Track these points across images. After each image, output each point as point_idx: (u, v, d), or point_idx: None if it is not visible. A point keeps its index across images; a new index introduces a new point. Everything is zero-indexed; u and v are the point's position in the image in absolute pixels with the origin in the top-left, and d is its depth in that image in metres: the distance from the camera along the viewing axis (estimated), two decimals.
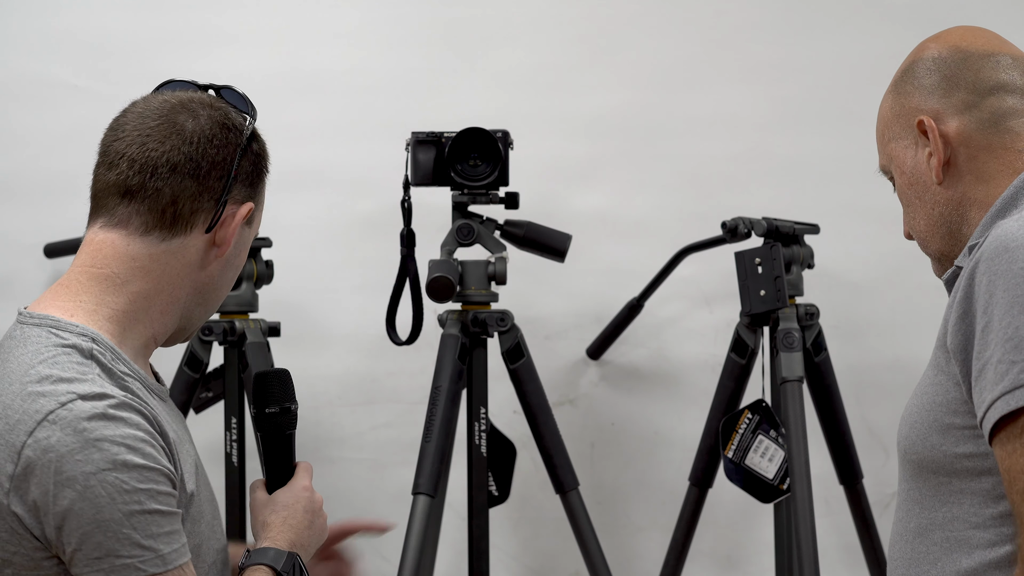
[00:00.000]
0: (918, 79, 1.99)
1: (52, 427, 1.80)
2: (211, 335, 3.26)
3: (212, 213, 1.94)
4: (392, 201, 3.30)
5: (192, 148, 1.92)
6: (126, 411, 1.82)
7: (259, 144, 2.02)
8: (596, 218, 3.66)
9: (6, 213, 3.65)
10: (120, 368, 1.88)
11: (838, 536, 3.61)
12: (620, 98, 3.67)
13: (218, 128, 1.95)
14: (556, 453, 3.28)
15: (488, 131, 3.23)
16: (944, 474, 1.87)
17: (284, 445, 2.10)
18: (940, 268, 2.04)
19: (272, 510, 2.05)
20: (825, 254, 3.47)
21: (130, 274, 1.93)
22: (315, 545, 2.09)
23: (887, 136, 2.02)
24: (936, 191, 1.99)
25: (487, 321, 3.26)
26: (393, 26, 3.69)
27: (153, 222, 1.92)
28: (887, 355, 3.66)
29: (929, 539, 1.88)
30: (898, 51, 3.65)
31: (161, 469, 1.83)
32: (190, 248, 1.94)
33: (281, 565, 1.99)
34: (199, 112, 1.95)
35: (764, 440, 3.25)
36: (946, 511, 1.87)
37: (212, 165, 1.94)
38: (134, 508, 1.81)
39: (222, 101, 1.99)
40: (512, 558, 3.67)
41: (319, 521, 2.09)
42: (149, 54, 3.63)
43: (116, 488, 1.80)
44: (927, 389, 1.90)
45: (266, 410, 2.08)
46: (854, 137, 3.65)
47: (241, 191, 1.98)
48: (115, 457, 1.80)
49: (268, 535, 2.03)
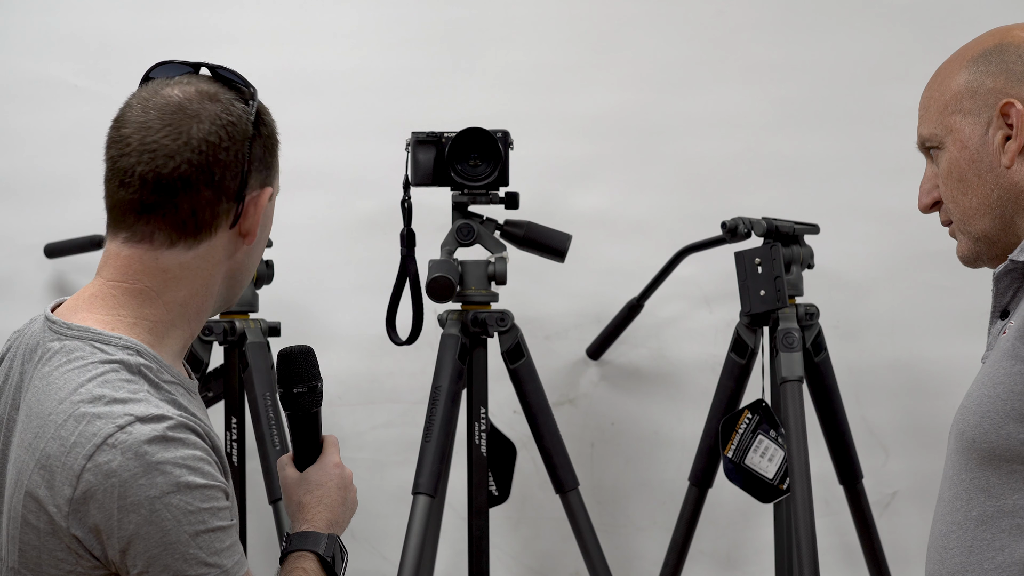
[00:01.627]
0: (1007, 63, 2.00)
1: (113, 451, 1.79)
2: (211, 335, 3.26)
3: (234, 211, 1.93)
4: (392, 201, 3.30)
5: (202, 157, 1.89)
6: (183, 432, 1.82)
7: (266, 123, 1.98)
8: (596, 218, 3.66)
9: (6, 213, 3.65)
10: (165, 378, 1.87)
11: (838, 536, 3.61)
12: (620, 98, 3.67)
13: (224, 127, 1.91)
14: (556, 453, 3.28)
15: (488, 131, 3.23)
16: (1019, 461, 1.88)
17: (312, 423, 2.10)
18: (973, 249, 2.05)
19: (307, 490, 2.06)
20: (825, 254, 3.47)
21: (163, 286, 1.91)
22: (348, 520, 2.09)
23: (952, 108, 2.03)
24: (1001, 174, 2.00)
25: (487, 321, 3.26)
26: (393, 26, 3.69)
27: (177, 235, 1.90)
28: (887, 355, 3.66)
29: (995, 526, 1.89)
30: (898, 51, 3.68)
31: (219, 485, 1.84)
32: (218, 247, 1.93)
33: (323, 549, 2.00)
34: (201, 113, 1.91)
35: (764, 440, 3.25)
36: (1018, 498, 1.88)
37: (225, 168, 1.91)
38: (199, 528, 1.81)
39: (220, 85, 1.95)
40: (512, 558, 3.67)
41: (351, 496, 2.10)
42: (149, 54, 3.61)
43: (181, 510, 1.80)
44: (1002, 379, 1.90)
45: (294, 390, 2.09)
46: (854, 137, 3.66)
47: (258, 178, 1.95)
48: (178, 480, 1.80)
49: (305, 517, 2.04)
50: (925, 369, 3.64)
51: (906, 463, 3.65)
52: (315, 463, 2.09)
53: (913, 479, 3.64)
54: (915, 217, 3.48)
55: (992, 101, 1.99)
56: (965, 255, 2.06)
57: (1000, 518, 1.89)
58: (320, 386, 2.10)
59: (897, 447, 3.66)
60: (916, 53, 3.54)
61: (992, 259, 2.05)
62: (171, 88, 1.94)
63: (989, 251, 2.05)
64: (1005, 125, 1.98)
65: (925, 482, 3.58)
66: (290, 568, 1.99)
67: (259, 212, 1.95)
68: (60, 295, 3.56)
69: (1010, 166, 1.99)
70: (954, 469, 1.95)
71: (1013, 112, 1.97)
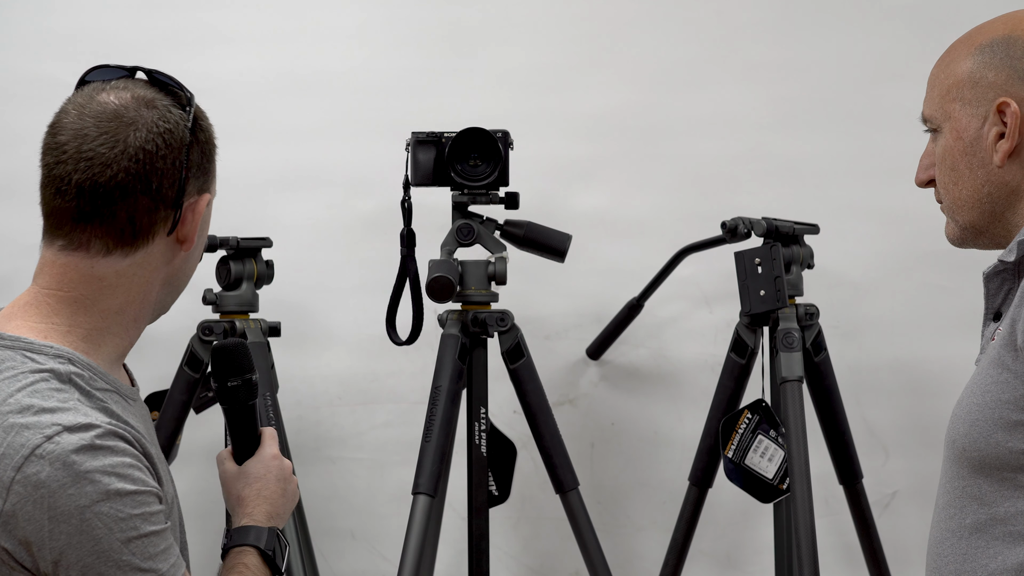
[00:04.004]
0: (1012, 59, 1.99)
1: (41, 462, 1.79)
2: (211, 335, 3.26)
3: (171, 218, 1.91)
4: (392, 201, 3.30)
5: (139, 166, 1.88)
6: (112, 439, 1.81)
7: (203, 129, 1.96)
8: (596, 218, 3.66)
9: (6, 213, 3.65)
10: (98, 386, 1.88)
11: (838, 536, 3.61)
12: (620, 98, 3.67)
13: (161, 135, 1.90)
14: (556, 453, 3.28)
15: (488, 131, 3.23)
16: (1009, 470, 1.88)
17: (248, 416, 2.11)
18: (959, 235, 2.05)
19: (245, 483, 2.07)
20: (825, 254, 3.47)
21: (99, 294, 1.91)
22: (289, 511, 2.10)
23: (953, 95, 2.02)
24: (993, 171, 1.99)
25: (487, 321, 3.26)
26: (393, 26, 3.69)
27: (113, 243, 1.89)
28: (887, 355, 3.66)
29: (989, 534, 1.89)
30: (898, 51, 3.68)
31: (150, 490, 1.83)
32: (155, 254, 1.92)
33: (263, 543, 2.00)
34: (138, 121, 1.89)
35: (764, 440, 3.25)
36: (1010, 505, 1.88)
37: (163, 176, 1.89)
38: (131, 535, 1.81)
39: (157, 90, 1.94)
40: (512, 558, 3.67)
41: (291, 487, 2.11)
42: (148, 54, 3.63)
43: (112, 518, 1.80)
44: (989, 388, 1.90)
45: (228, 383, 2.09)
46: (854, 137, 3.66)
47: (196, 184, 1.94)
48: (107, 487, 1.80)
49: (245, 511, 2.05)
50: (925, 369, 3.64)
51: (906, 463, 3.65)
52: (253, 456, 2.09)
53: (913, 479, 3.64)
54: (915, 217, 3.49)
55: (991, 96, 1.98)
56: (952, 238, 2.07)
57: (993, 526, 1.89)
58: (254, 379, 2.10)
59: (897, 447, 3.66)
60: (916, 53, 3.53)
61: (979, 245, 2.06)
62: (107, 94, 1.92)
63: (976, 239, 2.05)
64: (1000, 122, 1.98)
65: (925, 482, 3.58)
66: (231, 564, 2.00)
67: (197, 218, 1.94)
68: None
69: (1001, 165, 1.98)
70: (947, 476, 1.95)
71: (1008, 112, 1.97)
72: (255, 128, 3.64)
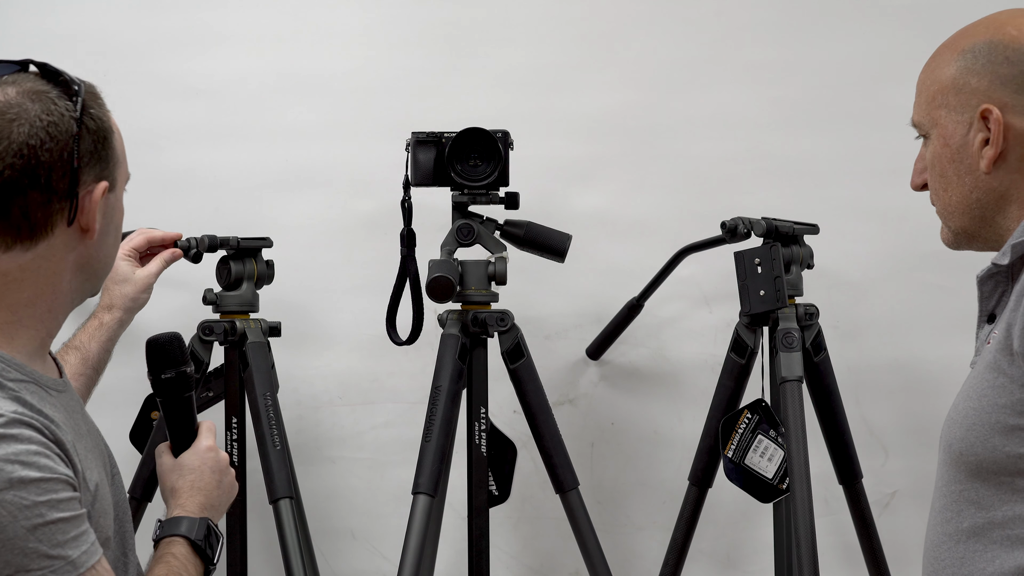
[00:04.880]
0: (993, 64, 1.98)
1: None
2: (212, 335, 3.26)
3: (68, 209, 1.92)
4: (392, 201, 3.30)
5: (24, 161, 1.89)
6: (16, 427, 1.82)
7: (94, 117, 1.96)
8: (596, 218, 3.66)
9: None
10: (12, 376, 1.89)
11: (837, 535, 3.61)
12: (620, 98, 3.67)
13: (44, 128, 1.90)
14: (556, 453, 3.28)
15: (488, 131, 3.24)
16: (1006, 474, 1.87)
17: (182, 408, 2.12)
18: (953, 239, 2.06)
19: (179, 475, 2.09)
20: (825, 254, 3.47)
21: (5, 288, 1.92)
22: (226, 502, 2.12)
23: (938, 102, 2.01)
24: (980, 177, 1.99)
25: (487, 321, 3.26)
26: (393, 26, 3.69)
27: (12, 239, 1.91)
28: (886, 355, 3.66)
29: (987, 538, 1.89)
30: (898, 51, 3.68)
31: (59, 477, 1.83)
32: (58, 246, 1.93)
33: (194, 534, 2.01)
34: (21, 115, 1.90)
35: (763, 440, 3.25)
36: (1007, 509, 1.88)
37: (50, 168, 1.90)
38: (36, 522, 1.81)
39: (46, 83, 1.94)
40: (512, 558, 3.67)
41: (227, 479, 2.12)
42: (148, 54, 3.63)
43: (16, 506, 1.80)
44: (986, 392, 1.89)
45: (162, 375, 2.10)
46: (854, 137, 3.66)
47: (91, 172, 1.94)
48: (10, 476, 1.80)
49: (178, 502, 2.07)
50: (924, 369, 3.65)
51: (905, 463, 3.66)
52: (189, 448, 2.11)
53: (912, 479, 3.64)
54: (915, 217, 3.49)
55: (975, 102, 1.98)
56: (946, 242, 2.08)
57: (990, 529, 1.89)
58: (189, 371, 2.12)
59: (896, 447, 3.66)
60: (916, 53, 3.51)
61: (974, 248, 2.06)
62: None
63: (970, 243, 2.05)
64: (985, 128, 1.97)
65: (924, 482, 3.58)
66: (160, 555, 2.01)
67: (94, 206, 1.94)
68: None
69: (988, 171, 1.98)
70: (944, 480, 1.95)
71: (991, 119, 1.96)
72: (255, 128, 3.64)
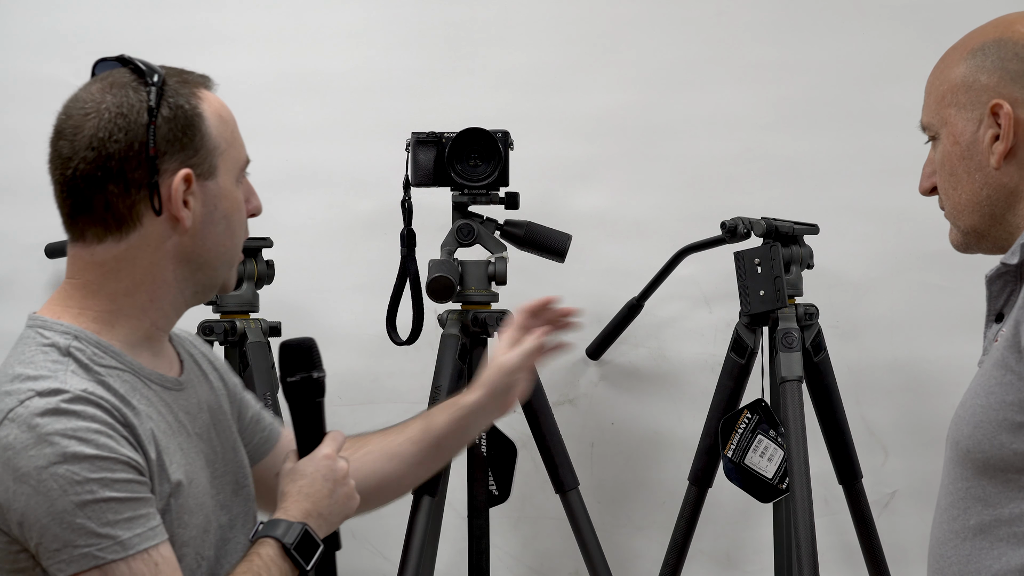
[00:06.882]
0: (1003, 61, 1.98)
1: (11, 425, 1.83)
2: (212, 335, 3.26)
3: (150, 199, 1.94)
4: (392, 201, 3.30)
5: (95, 152, 1.93)
6: (80, 404, 1.85)
7: (171, 106, 1.98)
8: (596, 218, 3.66)
9: (6, 213, 3.65)
10: (105, 362, 1.92)
11: (837, 535, 3.61)
12: (620, 98, 3.67)
13: (113, 120, 1.94)
14: (556, 453, 3.28)
15: (488, 131, 3.24)
16: (1013, 471, 1.88)
17: (310, 414, 2.12)
18: (962, 240, 2.06)
19: (291, 479, 2.07)
20: (825, 254, 3.47)
21: (103, 278, 1.96)
22: (339, 513, 2.08)
23: (947, 101, 2.02)
24: (990, 173, 1.99)
25: (487, 321, 3.26)
26: (393, 26, 3.69)
27: (103, 231, 1.95)
28: (886, 355, 3.66)
29: (993, 535, 1.89)
30: (898, 51, 3.68)
31: (118, 457, 1.85)
32: (151, 235, 1.96)
33: (288, 538, 2.00)
34: (93, 108, 1.95)
35: (763, 440, 3.25)
36: (1014, 507, 1.88)
37: (123, 159, 1.93)
38: (86, 498, 1.82)
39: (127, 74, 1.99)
40: (512, 558, 3.67)
41: (342, 490, 2.09)
42: (149, 54, 3.61)
43: (67, 480, 1.82)
44: (993, 389, 1.89)
45: (288, 379, 2.11)
46: (854, 137, 3.66)
47: (172, 160, 1.96)
48: (65, 450, 1.82)
49: (283, 506, 2.05)
50: (925, 369, 3.65)
51: (905, 463, 3.66)
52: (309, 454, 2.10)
53: (912, 479, 3.64)
54: (915, 217, 3.49)
55: (985, 99, 1.98)
56: (956, 244, 2.07)
57: (997, 527, 1.89)
58: (317, 376, 2.11)
59: (896, 447, 3.66)
60: (916, 53, 3.53)
61: (983, 249, 2.06)
62: (84, 89, 2.00)
63: (979, 244, 2.05)
64: (995, 124, 1.98)
65: (924, 482, 3.59)
66: (248, 553, 2.00)
67: (176, 195, 1.95)
68: None
69: (998, 167, 1.98)
70: (950, 477, 1.95)
71: (1002, 114, 1.97)
72: (255, 128, 3.61)
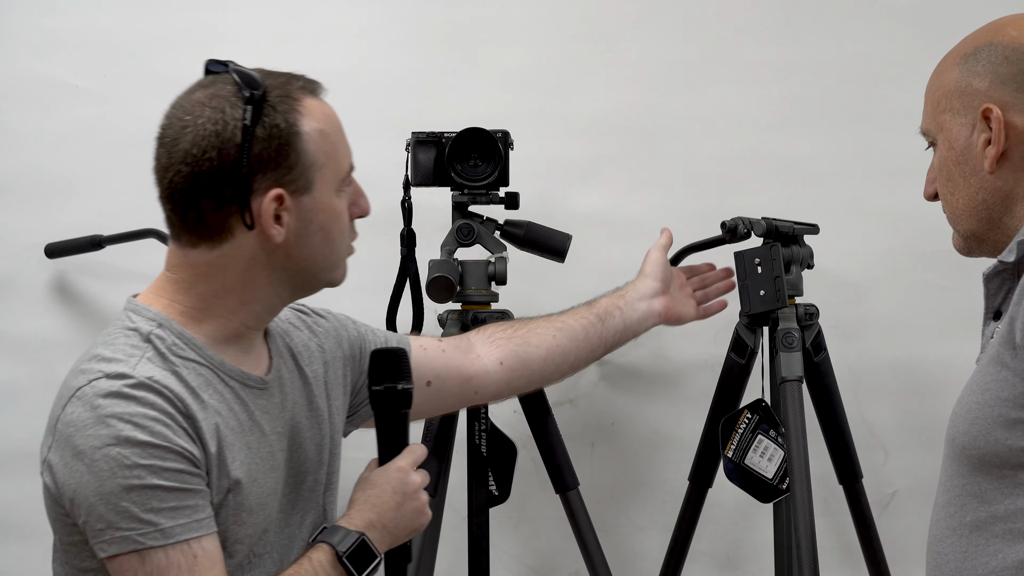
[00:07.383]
0: (994, 65, 1.99)
1: (77, 403, 1.88)
2: None
3: (241, 215, 1.97)
4: (392, 201, 3.30)
5: (190, 167, 1.97)
6: (141, 391, 1.89)
7: (267, 123, 2.00)
8: (596, 218, 3.66)
9: (6, 213, 3.65)
10: (184, 354, 1.97)
11: (837, 535, 3.61)
12: (620, 98, 3.67)
13: (207, 137, 1.97)
14: (556, 453, 3.29)
15: (488, 131, 3.24)
16: (1009, 467, 1.88)
17: (392, 424, 2.14)
18: (964, 244, 2.07)
19: (362, 488, 2.11)
20: (825, 254, 3.47)
21: (194, 279, 2.03)
22: (405, 527, 2.09)
23: (943, 106, 2.03)
24: (985, 177, 2.00)
25: (487, 321, 3.26)
26: (393, 26, 3.69)
27: (196, 238, 2.02)
28: (887, 355, 3.66)
29: (989, 532, 1.89)
30: (898, 51, 3.68)
31: (171, 447, 1.87)
32: (243, 247, 2.01)
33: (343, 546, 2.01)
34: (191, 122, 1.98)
35: (763, 440, 3.25)
36: (1009, 503, 1.88)
37: (215, 176, 1.97)
38: (134, 482, 1.85)
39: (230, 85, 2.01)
40: (512, 557, 3.67)
41: (411, 504, 2.10)
42: (149, 54, 3.64)
43: (117, 462, 1.85)
44: (989, 385, 1.90)
45: (373, 387, 2.14)
46: (854, 137, 3.66)
47: (266, 179, 1.99)
48: (119, 433, 1.86)
49: (348, 513, 2.09)
50: (925, 369, 3.65)
51: (905, 463, 3.66)
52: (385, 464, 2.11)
53: (912, 479, 3.64)
54: (915, 217, 3.49)
55: (977, 103, 1.99)
56: (958, 248, 2.09)
57: (993, 523, 1.89)
58: (401, 388, 2.12)
59: (896, 447, 3.66)
60: (916, 53, 3.54)
61: (984, 253, 2.06)
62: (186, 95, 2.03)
63: (980, 247, 2.06)
64: (987, 128, 1.98)
65: (924, 482, 3.59)
66: (302, 557, 2.02)
67: (268, 214, 1.98)
68: (60, 295, 3.56)
69: (992, 171, 1.99)
70: (947, 474, 1.96)
71: (992, 118, 1.97)
72: None
